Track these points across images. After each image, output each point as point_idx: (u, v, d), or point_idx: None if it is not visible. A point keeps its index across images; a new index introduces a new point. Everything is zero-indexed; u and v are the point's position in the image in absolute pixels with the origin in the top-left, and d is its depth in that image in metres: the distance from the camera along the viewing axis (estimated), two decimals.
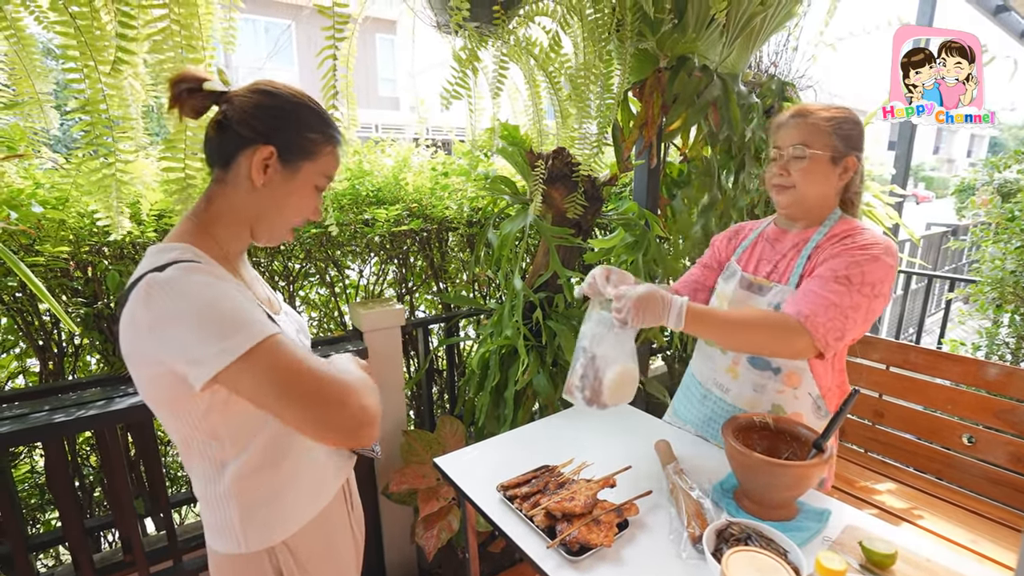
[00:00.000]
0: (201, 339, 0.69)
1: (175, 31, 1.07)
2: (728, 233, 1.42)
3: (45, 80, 1.25)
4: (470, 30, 1.49)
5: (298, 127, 0.82)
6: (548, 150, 1.90)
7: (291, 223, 0.87)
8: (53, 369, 1.63)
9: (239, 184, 0.81)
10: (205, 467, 0.81)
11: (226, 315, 0.70)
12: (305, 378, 0.72)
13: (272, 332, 0.73)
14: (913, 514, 1.73)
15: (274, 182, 0.82)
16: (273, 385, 0.71)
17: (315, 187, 0.86)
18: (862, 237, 1.11)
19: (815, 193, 1.15)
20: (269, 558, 0.84)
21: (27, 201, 1.34)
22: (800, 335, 1.04)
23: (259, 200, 0.82)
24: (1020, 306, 2.73)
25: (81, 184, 1.39)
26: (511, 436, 1.45)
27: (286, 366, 0.72)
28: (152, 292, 0.70)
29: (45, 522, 1.79)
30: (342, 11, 1.13)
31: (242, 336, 0.70)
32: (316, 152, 0.83)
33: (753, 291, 1.22)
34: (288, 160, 0.81)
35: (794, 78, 2.35)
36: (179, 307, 0.69)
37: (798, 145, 1.13)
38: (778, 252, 1.23)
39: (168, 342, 0.70)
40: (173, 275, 0.71)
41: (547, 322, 1.91)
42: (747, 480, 1.06)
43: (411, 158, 2.17)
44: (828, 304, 1.05)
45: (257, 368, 0.70)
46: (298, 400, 0.72)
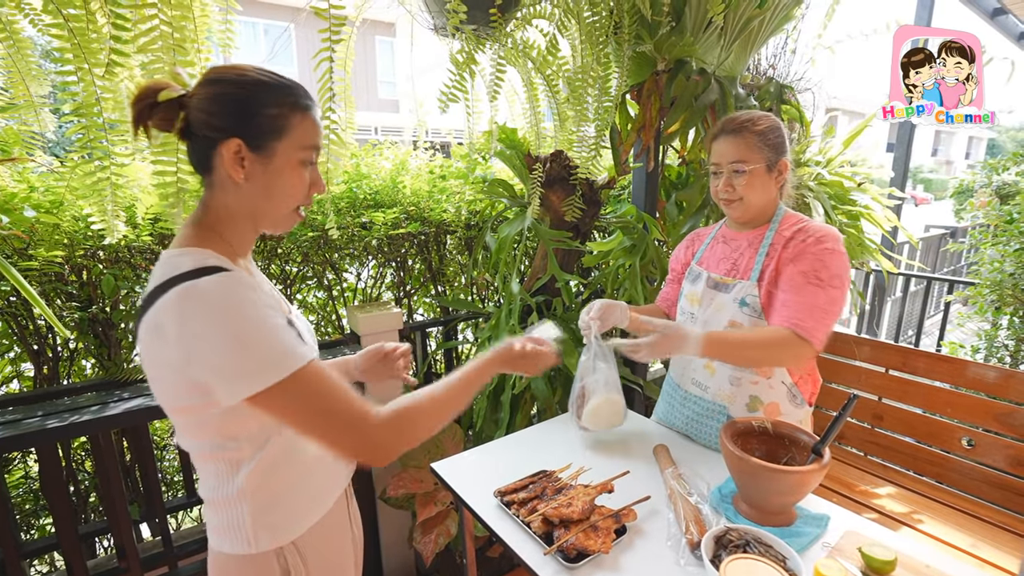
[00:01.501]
0: (237, 360, 0.69)
1: (167, 33, 1.06)
2: (685, 242, 1.52)
3: (41, 83, 1.24)
4: (467, 33, 1.48)
5: (255, 108, 0.76)
6: (546, 153, 1.89)
7: (290, 207, 0.83)
8: (48, 373, 1.62)
9: (226, 185, 0.79)
10: (219, 467, 0.80)
11: (264, 338, 0.70)
12: (336, 406, 0.74)
13: (309, 358, 0.73)
14: (913, 518, 1.72)
15: (255, 173, 0.78)
16: (304, 411, 0.72)
17: (300, 162, 0.80)
18: (812, 231, 1.21)
19: (759, 200, 1.26)
20: (277, 558, 0.84)
21: (20, 205, 1.34)
22: (800, 344, 1.13)
23: (249, 195, 0.79)
24: (1019, 308, 2.73)
25: (76, 188, 1.39)
26: (509, 441, 1.45)
27: (318, 392, 0.73)
28: (186, 303, 0.69)
29: (39, 528, 1.77)
30: (338, 13, 1.13)
31: (276, 366, 0.70)
32: (284, 127, 0.78)
33: (720, 289, 1.31)
34: (258, 146, 0.76)
35: (792, 81, 2.35)
36: (215, 324, 0.68)
37: (736, 162, 1.23)
38: (735, 251, 1.33)
39: (200, 356, 0.69)
40: (209, 288, 0.69)
41: (546, 322, 1.91)
42: (745, 485, 1.05)
43: (409, 161, 2.17)
44: (810, 307, 1.14)
45: (290, 394, 0.71)
46: (324, 427, 0.74)
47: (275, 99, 0.77)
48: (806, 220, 1.25)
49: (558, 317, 1.97)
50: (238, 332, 0.69)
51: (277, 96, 0.77)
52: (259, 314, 0.71)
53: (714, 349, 1.15)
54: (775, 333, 1.16)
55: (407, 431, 0.79)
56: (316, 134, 0.82)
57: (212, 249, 0.77)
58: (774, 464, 0.99)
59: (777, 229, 1.27)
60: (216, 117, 0.75)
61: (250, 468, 0.79)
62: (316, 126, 0.82)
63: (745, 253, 1.30)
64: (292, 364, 0.71)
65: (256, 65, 0.80)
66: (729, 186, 1.25)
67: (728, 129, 1.25)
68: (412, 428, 0.80)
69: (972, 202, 4.52)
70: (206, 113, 0.75)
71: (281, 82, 0.79)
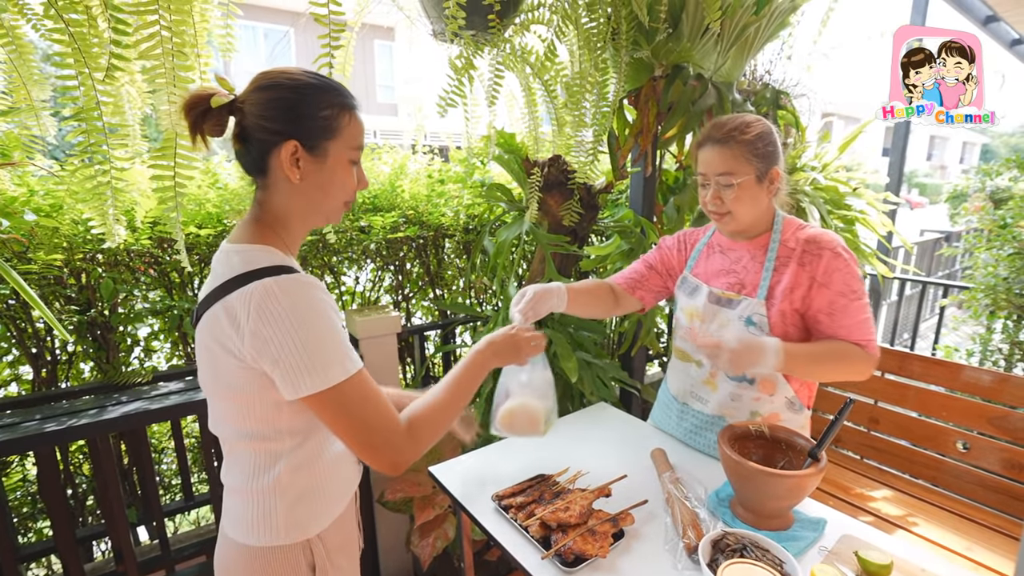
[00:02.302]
0: (307, 359, 0.72)
1: (167, 38, 1.07)
2: (677, 241, 1.44)
3: (42, 87, 1.25)
4: (466, 38, 1.49)
5: (309, 110, 0.79)
6: (544, 157, 1.90)
7: (342, 202, 0.87)
8: (46, 377, 1.62)
9: (281, 186, 0.82)
10: (257, 457, 0.82)
11: (332, 340, 0.75)
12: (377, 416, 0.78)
13: (360, 366, 0.78)
14: (908, 521, 1.73)
15: (310, 173, 0.81)
16: (350, 417, 0.77)
17: (349, 160, 0.85)
18: (823, 243, 1.16)
19: (750, 213, 1.21)
20: (303, 550, 0.85)
21: (21, 209, 1.34)
22: (866, 360, 1.14)
23: (305, 194, 0.83)
24: (1013, 312, 2.75)
25: (76, 191, 1.39)
26: (507, 444, 1.45)
27: (365, 400, 0.78)
28: (268, 299, 0.72)
29: (37, 531, 1.77)
30: (338, 19, 1.13)
31: (340, 367, 0.75)
32: (336, 128, 0.81)
33: (723, 304, 1.25)
34: (313, 147, 0.80)
35: (788, 86, 2.37)
36: (293, 322, 0.72)
37: (723, 174, 1.17)
38: (736, 262, 1.27)
39: (272, 351, 0.72)
40: (290, 288, 0.73)
41: (542, 330, 1.91)
42: (742, 489, 1.06)
43: (408, 165, 2.18)
44: (864, 322, 1.15)
45: (344, 397, 0.76)
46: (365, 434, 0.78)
47: (327, 101, 0.80)
48: (807, 227, 1.22)
49: (555, 320, 1.98)
50: (312, 333, 0.73)
51: (329, 98, 0.81)
52: (330, 317, 0.76)
53: (791, 363, 1.12)
54: (846, 350, 1.14)
55: (422, 441, 0.82)
56: (362, 133, 0.86)
57: (275, 247, 0.81)
58: (771, 468, 1.00)
59: (780, 240, 1.22)
60: (271, 121, 0.78)
61: (288, 461, 0.82)
62: (362, 126, 0.86)
63: (749, 267, 1.24)
64: (351, 368, 0.76)
65: (304, 68, 0.83)
66: (717, 199, 1.19)
67: (715, 138, 1.18)
68: (425, 438, 0.83)
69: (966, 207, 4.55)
70: (261, 117, 0.78)
71: (330, 84, 0.82)
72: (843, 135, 2.36)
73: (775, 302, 1.18)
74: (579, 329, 2.01)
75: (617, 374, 1.98)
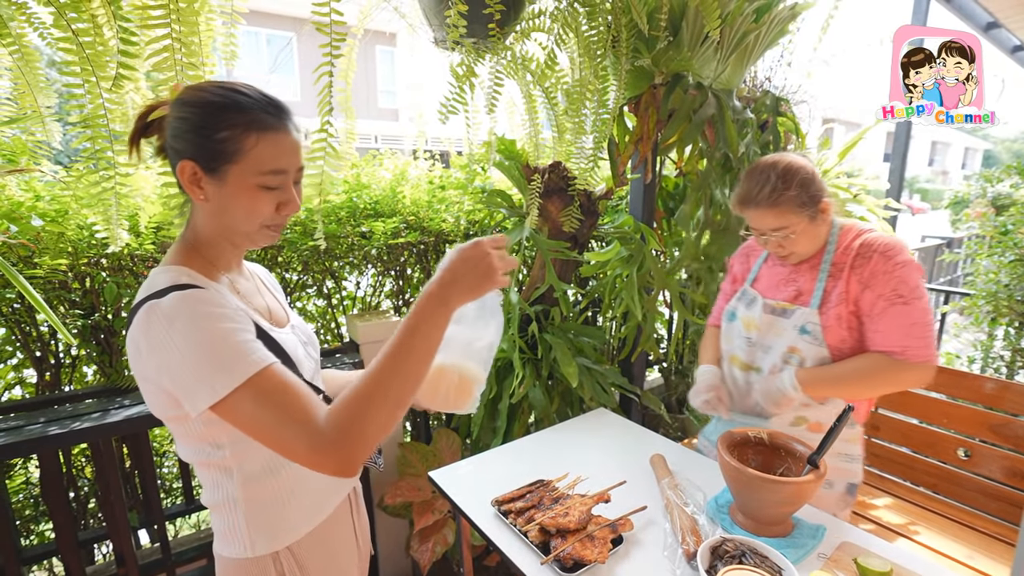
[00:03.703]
0: (192, 372, 0.69)
1: (176, 49, 1.08)
2: (740, 255, 1.49)
3: (48, 94, 1.26)
4: (467, 46, 1.51)
5: (205, 131, 0.74)
6: (544, 164, 1.91)
7: (254, 226, 0.79)
8: (50, 380, 1.63)
9: (197, 205, 0.80)
10: (213, 473, 0.82)
11: (216, 349, 0.69)
12: (287, 412, 0.69)
13: (263, 364, 0.70)
14: (909, 529, 1.72)
15: (212, 194, 0.76)
16: (258, 419, 0.70)
17: (258, 186, 0.76)
18: (877, 245, 1.17)
19: (812, 245, 1.25)
20: (274, 563, 0.85)
21: (27, 214, 1.35)
22: (907, 369, 1.13)
23: (214, 214, 0.79)
24: (1014, 320, 2.74)
25: (81, 197, 1.40)
26: (506, 449, 1.45)
27: (270, 399, 0.70)
28: (151, 320, 0.71)
29: (39, 534, 1.77)
30: (340, 29, 1.15)
31: (226, 375, 0.69)
32: (235, 151, 0.74)
33: (777, 314, 1.29)
34: (212, 168, 0.75)
35: (788, 93, 2.38)
36: (174, 339, 0.69)
37: (778, 230, 1.21)
38: (795, 270, 1.30)
39: (164, 370, 0.70)
40: (170, 304, 0.70)
41: (543, 335, 1.92)
42: (742, 496, 1.06)
43: (408, 171, 2.19)
44: (908, 327, 1.13)
45: (245, 402, 0.69)
46: (276, 434, 0.69)
47: (227, 122, 0.74)
48: (866, 230, 1.22)
49: (556, 326, 1.98)
50: (194, 344, 0.69)
51: (230, 118, 0.74)
52: (213, 327, 0.70)
53: (811, 390, 1.19)
54: (872, 365, 1.15)
55: (357, 428, 0.68)
56: (277, 157, 0.76)
57: (191, 266, 0.79)
58: (770, 475, 1.00)
59: (836, 244, 1.25)
60: (174, 139, 0.76)
61: (240, 473, 0.81)
62: (278, 148, 0.76)
63: (807, 275, 1.27)
64: (244, 371, 0.69)
65: (224, 82, 0.78)
66: (779, 247, 1.24)
67: (758, 201, 1.20)
68: (363, 422, 0.69)
69: (967, 213, 4.55)
70: (170, 136, 0.77)
71: (238, 102, 0.75)
72: (844, 141, 2.37)
73: (830, 307, 1.21)
74: (579, 335, 2.02)
75: (617, 380, 1.99)
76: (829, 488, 1.30)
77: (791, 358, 1.24)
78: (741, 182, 1.25)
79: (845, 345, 1.20)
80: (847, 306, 1.19)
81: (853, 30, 3.66)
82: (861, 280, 1.17)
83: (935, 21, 3.37)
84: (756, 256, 1.44)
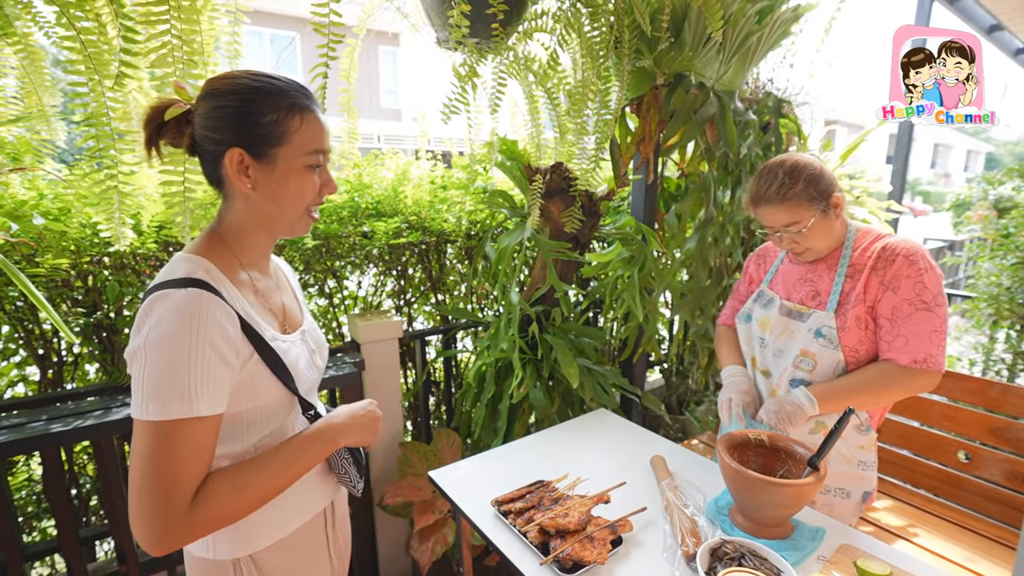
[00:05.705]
0: (145, 380, 0.69)
1: (176, 45, 1.09)
2: (756, 257, 1.50)
3: (53, 93, 1.27)
4: (470, 46, 1.51)
5: (251, 117, 0.75)
6: (546, 165, 1.91)
7: (300, 210, 0.82)
8: (52, 378, 1.63)
9: (236, 195, 0.80)
10: None
11: (173, 376, 0.68)
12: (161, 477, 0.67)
13: (192, 415, 0.68)
14: (909, 532, 1.72)
15: (260, 181, 0.77)
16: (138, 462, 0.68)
17: (305, 167, 0.79)
18: (899, 249, 1.17)
19: (827, 241, 1.25)
20: (234, 568, 0.84)
21: (30, 213, 1.36)
22: (918, 376, 1.14)
23: (259, 203, 0.79)
24: (1016, 322, 2.74)
25: (84, 195, 1.41)
26: (506, 450, 1.45)
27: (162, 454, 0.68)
28: (151, 308, 0.71)
29: (41, 530, 1.78)
30: (339, 30, 1.15)
31: (158, 404, 0.67)
32: (282, 134, 0.76)
33: (793, 317, 1.29)
34: (260, 154, 0.76)
35: (790, 94, 2.38)
36: (150, 339, 0.69)
37: (790, 226, 1.22)
38: (811, 270, 1.30)
39: (133, 359, 0.71)
40: (170, 305, 0.70)
41: (543, 336, 1.92)
42: (742, 498, 1.06)
43: (410, 171, 2.19)
44: (928, 334, 1.13)
45: (143, 438, 0.68)
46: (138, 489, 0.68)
47: (271, 105, 0.76)
48: (884, 234, 1.23)
49: (556, 327, 1.98)
50: (157, 356, 0.68)
51: (273, 101, 0.76)
52: (186, 349, 0.68)
53: (825, 406, 1.18)
54: (880, 376, 1.16)
55: (217, 525, 0.72)
56: (319, 136, 0.80)
57: (213, 259, 0.78)
58: (770, 477, 1.00)
59: (853, 245, 1.25)
60: (216, 131, 0.76)
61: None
62: (318, 128, 0.80)
63: (824, 276, 1.27)
64: (173, 411, 0.67)
65: (251, 70, 0.79)
66: (792, 243, 1.25)
67: (767, 198, 1.22)
68: (225, 521, 0.73)
69: (969, 215, 4.54)
70: (207, 128, 0.76)
71: (276, 86, 0.77)
72: (847, 143, 2.37)
73: (848, 308, 1.20)
74: (580, 336, 2.02)
75: (618, 380, 1.99)
76: (846, 498, 1.29)
77: (803, 362, 1.24)
78: (751, 183, 1.27)
79: (862, 347, 1.19)
80: (864, 306, 1.19)
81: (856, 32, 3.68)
82: (883, 282, 1.17)
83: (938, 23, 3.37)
84: (773, 258, 1.44)
